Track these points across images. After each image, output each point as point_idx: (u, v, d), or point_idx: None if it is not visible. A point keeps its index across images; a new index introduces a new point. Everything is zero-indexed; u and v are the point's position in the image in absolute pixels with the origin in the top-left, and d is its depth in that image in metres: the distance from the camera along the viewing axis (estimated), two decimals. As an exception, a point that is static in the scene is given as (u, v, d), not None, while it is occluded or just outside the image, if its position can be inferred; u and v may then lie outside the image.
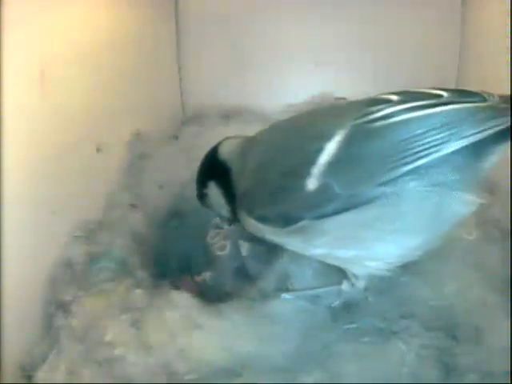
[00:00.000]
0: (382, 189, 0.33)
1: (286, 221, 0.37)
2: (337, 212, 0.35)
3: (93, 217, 0.50)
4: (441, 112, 0.33)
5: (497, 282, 0.40)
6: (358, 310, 0.40)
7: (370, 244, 0.36)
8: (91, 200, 0.51)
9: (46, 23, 0.43)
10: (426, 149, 0.32)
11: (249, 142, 0.43)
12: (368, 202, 0.34)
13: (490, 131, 0.32)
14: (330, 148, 0.34)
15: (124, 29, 0.60)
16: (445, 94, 0.35)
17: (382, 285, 0.39)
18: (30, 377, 0.36)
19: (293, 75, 0.77)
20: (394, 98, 0.36)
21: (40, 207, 0.42)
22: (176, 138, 0.66)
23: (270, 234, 0.40)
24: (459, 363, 0.35)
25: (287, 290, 0.43)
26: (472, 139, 0.32)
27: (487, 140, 0.32)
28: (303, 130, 0.39)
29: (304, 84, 0.76)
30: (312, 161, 0.35)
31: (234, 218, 0.44)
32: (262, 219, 0.39)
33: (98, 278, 0.44)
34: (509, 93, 0.35)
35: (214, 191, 0.45)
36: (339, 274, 0.40)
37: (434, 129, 0.32)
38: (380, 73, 0.75)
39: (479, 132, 0.32)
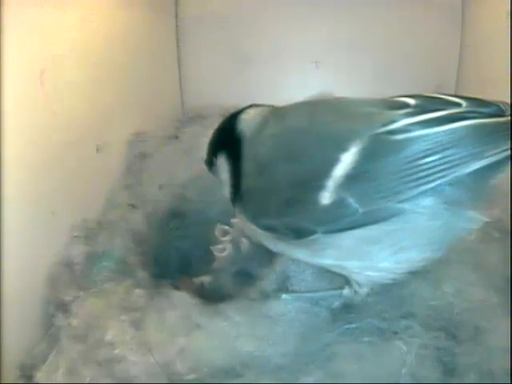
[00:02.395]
0: (401, 206, 0.32)
1: (297, 234, 0.36)
2: (351, 227, 0.34)
3: (93, 217, 0.50)
4: (463, 127, 0.32)
5: (497, 282, 0.40)
6: (358, 310, 0.40)
7: (377, 257, 0.36)
8: (91, 200, 0.51)
9: (45, 23, 0.43)
10: (448, 168, 0.31)
11: (271, 120, 0.39)
12: (385, 218, 0.33)
13: (510, 151, 0.31)
14: (347, 159, 0.33)
15: (124, 29, 0.60)
16: (463, 102, 0.34)
17: (382, 285, 0.39)
18: (30, 377, 0.36)
19: (293, 75, 0.78)
20: (411, 101, 0.35)
21: (40, 207, 0.42)
22: (176, 137, 0.66)
23: (273, 243, 0.39)
24: (459, 363, 0.35)
25: (287, 291, 0.42)
26: (494, 159, 0.31)
27: (503, 159, 0.32)
28: (319, 133, 0.36)
29: (304, 84, 0.76)
30: (327, 172, 0.33)
31: (233, 203, 0.41)
32: (268, 229, 0.38)
33: (98, 277, 0.44)
34: (509, 93, 0.35)
35: (222, 163, 0.42)
36: (341, 276, 0.40)
37: (456, 146, 0.31)
38: (380, 73, 0.75)
39: (501, 152, 0.31)
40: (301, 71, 0.78)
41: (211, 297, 0.44)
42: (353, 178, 0.33)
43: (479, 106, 0.34)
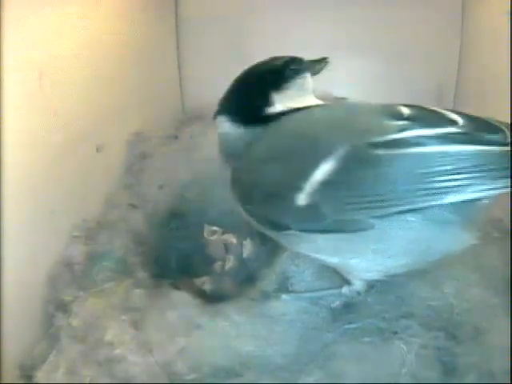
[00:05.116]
0: (375, 221, 0.32)
1: (272, 226, 0.37)
2: (322, 231, 0.34)
3: (93, 217, 0.50)
4: (455, 153, 0.29)
5: (497, 282, 0.40)
6: (358, 310, 0.40)
7: (350, 257, 0.36)
8: (91, 200, 0.51)
9: (45, 23, 0.43)
10: (431, 194, 0.29)
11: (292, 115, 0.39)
12: (356, 230, 0.33)
13: (507, 189, 0.28)
14: (326, 167, 0.32)
15: (124, 29, 0.60)
16: (460, 120, 0.32)
17: (382, 285, 0.39)
18: (30, 377, 0.36)
19: (293, 75, 0.77)
20: (405, 111, 0.34)
21: (40, 207, 0.42)
22: (176, 137, 0.66)
23: (257, 226, 0.40)
24: (459, 363, 0.35)
25: (287, 291, 0.42)
26: (484, 194, 0.29)
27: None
28: (307, 137, 0.36)
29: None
30: (306, 176, 0.33)
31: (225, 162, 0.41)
32: (250, 214, 0.38)
33: (98, 277, 0.44)
34: (509, 93, 0.34)
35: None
36: (340, 276, 0.40)
37: (443, 173, 0.29)
38: (380, 73, 0.75)
39: (494, 189, 0.29)
40: (301, 71, 0.77)
41: (211, 297, 0.44)
42: (328, 186, 0.32)
43: (477, 128, 0.31)
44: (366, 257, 0.35)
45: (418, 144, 0.31)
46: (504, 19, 0.53)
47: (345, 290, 0.40)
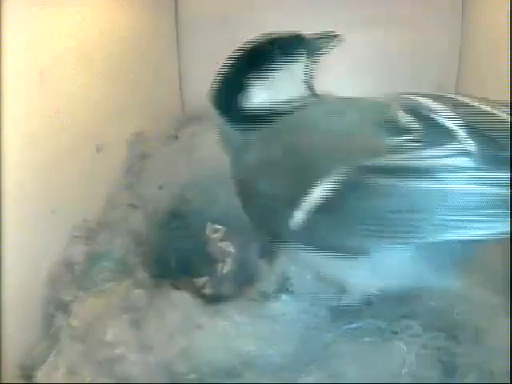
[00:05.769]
0: (363, 248, 0.31)
1: (267, 232, 0.37)
2: (312, 247, 0.34)
3: (93, 217, 0.50)
4: (457, 193, 0.27)
5: (497, 283, 0.40)
6: (358, 310, 0.40)
7: (336, 274, 0.37)
8: (91, 200, 0.51)
9: (45, 23, 0.43)
10: (421, 232, 0.28)
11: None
12: (344, 253, 0.32)
13: (507, 235, 0.27)
14: (319, 189, 0.31)
15: (124, 29, 0.60)
16: (473, 150, 0.28)
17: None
18: (30, 377, 0.36)
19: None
20: (415, 127, 0.30)
21: (40, 207, 0.42)
22: (176, 137, 0.66)
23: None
24: (459, 363, 0.35)
25: (287, 291, 0.42)
26: (483, 237, 0.28)
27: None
28: (302, 153, 0.34)
29: (304, 84, 0.76)
30: (298, 196, 0.32)
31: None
32: (245, 211, 0.38)
33: (98, 278, 0.44)
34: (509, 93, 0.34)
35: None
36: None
37: (440, 211, 0.28)
38: (380, 73, 0.75)
39: (494, 234, 0.27)
40: (301, 71, 0.77)
41: (211, 297, 0.44)
42: (320, 209, 0.31)
43: (490, 158, 0.27)
44: (353, 277, 0.35)
45: (417, 174, 0.28)
46: (504, 19, 0.53)
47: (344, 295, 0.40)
